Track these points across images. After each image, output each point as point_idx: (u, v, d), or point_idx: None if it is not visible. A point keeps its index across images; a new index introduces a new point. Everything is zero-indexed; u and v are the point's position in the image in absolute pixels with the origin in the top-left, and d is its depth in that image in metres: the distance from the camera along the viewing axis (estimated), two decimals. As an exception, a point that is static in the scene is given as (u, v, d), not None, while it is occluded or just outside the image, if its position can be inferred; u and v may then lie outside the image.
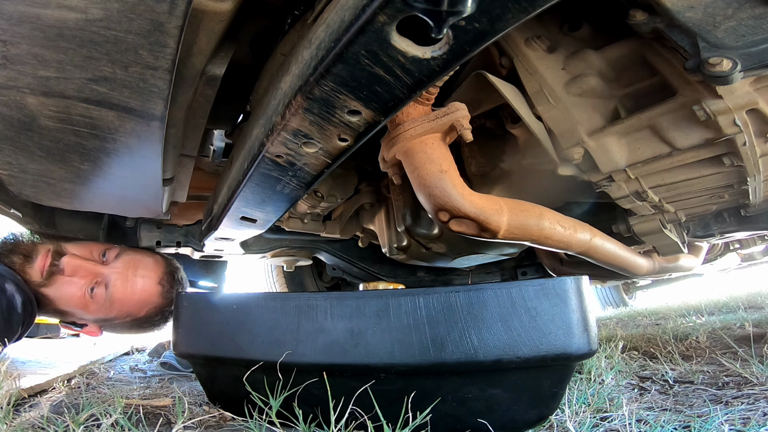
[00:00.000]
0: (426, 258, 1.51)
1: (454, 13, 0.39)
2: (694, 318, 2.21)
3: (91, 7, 0.47)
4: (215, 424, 0.73)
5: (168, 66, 0.55)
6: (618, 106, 0.84)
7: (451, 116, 0.70)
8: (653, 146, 0.85)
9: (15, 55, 0.53)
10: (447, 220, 0.75)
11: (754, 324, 1.71)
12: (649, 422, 0.65)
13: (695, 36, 0.63)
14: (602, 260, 1.03)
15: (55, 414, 0.65)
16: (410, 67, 0.48)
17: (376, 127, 0.59)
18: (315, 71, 0.50)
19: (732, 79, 0.62)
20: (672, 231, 1.16)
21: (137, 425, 0.65)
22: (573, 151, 0.88)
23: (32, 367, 1.26)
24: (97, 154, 0.75)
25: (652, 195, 0.98)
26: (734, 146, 0.80)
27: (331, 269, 1.88)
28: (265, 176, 0.75)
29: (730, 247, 2.14)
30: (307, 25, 0.63)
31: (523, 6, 0.41)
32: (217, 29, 0.60)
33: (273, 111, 0.62)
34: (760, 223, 1.24)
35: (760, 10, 0.58)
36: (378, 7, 0.41)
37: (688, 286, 4.33)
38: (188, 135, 0.88)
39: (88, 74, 0.56)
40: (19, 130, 0.68)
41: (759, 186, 0.96)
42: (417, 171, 0.73)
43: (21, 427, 0.62)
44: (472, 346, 0.58)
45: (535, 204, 0.81)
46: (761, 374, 0.86)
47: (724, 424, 0.60)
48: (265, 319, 0.67)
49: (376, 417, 0.58)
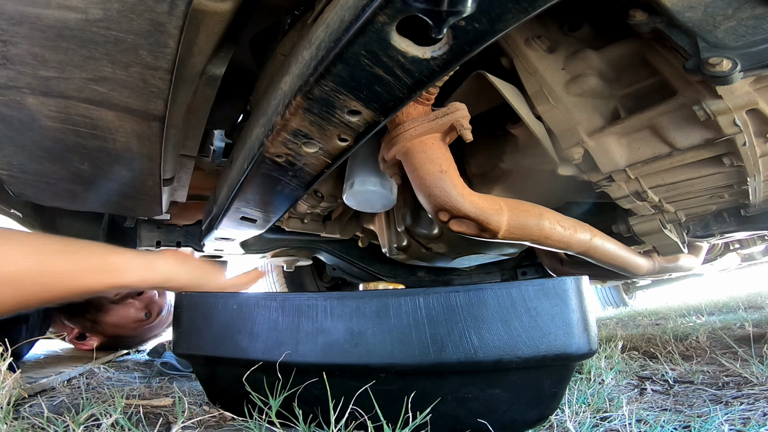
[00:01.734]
0: (426, 258, 1.51)
1: (454, 13, 0.39)
2: (694, 318, 2.21)
3: (91, 7, 0.47)
4: (215, 424, 0.73)
5: (168, 66, 0.55)
6: (618, 106, 0.84)
7: (451, 116, 0.70)
8: (653, 146, 0.85)
9: (15, 55, 0.53)
10: (447, 220, 0.75)
11: (754, 324, 1.71)
12: (649, 422, 0.65)
13: (695, 36, 0.63)
14: (602, 260, 1.03)
15: (55, 414, 0.65)
16: (410, 67, 0.48)
17: (376, 127, 0.59)
18: (315, 71, 0.50)
19: (732, 79, 0.62)
20: (672, 231, 1.16)
21: (137, 425, 0.65)
22: (573, 151, 0.88)
23: (32, 367, 1.26)
24: (97, 154, 0.75)
25: (652, 195, 0.98)
26: (734, 146, 0.80)
27: (331, 269, 1.88)
28: (265, 176, 0.75)
29: (730, 247, 2.14)
30: (307, 25, 0.63)
31: (523, 6, 0.41)
32: (217, 29, 0.60)
33: (273, 111, 0.62)
34: (760, 223, 1.24)
35: (760, 10, 0.58)
36: (378, 7, 0.41)
37: (688, 286, 4.33)
38: (188, 135, 0.88)
39: (88, 74, 0.56)
40: (19, 130, 0.68)
41: (759, 186, 0.96)
42: (417, 171, 0.73)
43: (21, 427, 0.62)
44: (473, 346, 0.58)
45: (535, 204, 0.81)
46: (761, 374, 0.86)
47: (724, 424, 0.60)
48: (264, 319, 0.67)
49: (377, 417, 0.58)
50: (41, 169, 0.80)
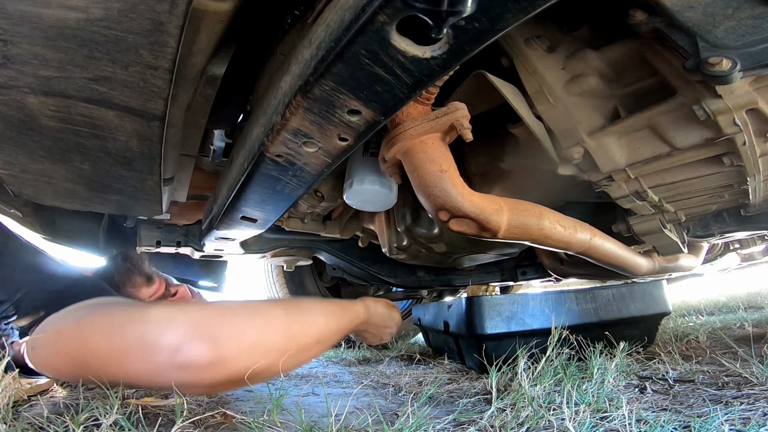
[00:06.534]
0: (426, 258, 1.51)
1: (454, 13, 0.39)
2: (694, 318, 2.21)
3: (91, 6, 0.47)
4: (215, 424, 0.73)
5: (168, 66, 0.55)
6: (618, 105, 0.84)
7: (450, 116, 0.70)
8: (653, 146, 0.85)
9: (16, 55, 0.53)
10: (447, 220, 0.75)
11: (754, 324, 1.71)
12: (649, 422, 0.65)
13: (695, 36, 0.63)
14: (602, 260, 1.03)
15: (55, 414, 0.65)
16: (410, 66, 0.48)
17: (376, 127, 0.59)
18: (315, 71, 0.51)
19: (731, 79, 0.62)
20: (672, 231, 1.16)
21: (137, 425, 0.65)
22: (573, 150, 0.88)
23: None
24: (98, 154, 0.75)
25: (652, 195, 0.98)
26: (734, 146, 0.80)
27: (331, 269, 1.88)
28: (265, 176, 0.75)
29: (730, 247, 2.14)
30: (308, 24, 0.63)
31: (523, 6, 0.41)
32: (217, 29, 0.60)
33: (273, 110, 0.62)
34: (760, 223, 1.24)
35: (759, 9, 0.58)
36: (378, 6, 0.41)
37: (688, 286, 4.32)
38: (188, 135, 0.88)
39: (88, 74, 0.56)
40: (19, 129, 0.68)
41: (759, 186, 0.96)
42: (417, 171, 0.73)
43: (21, 427, 0.62)
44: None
45: (535, 204, 0.81)
46: (761, 374, 0.86)
47: (724, 424, 0.60)
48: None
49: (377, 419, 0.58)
50: (41, 168, 0.80)
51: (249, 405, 0.88)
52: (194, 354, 0.64)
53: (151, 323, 0.66)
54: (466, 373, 1.20)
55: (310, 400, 0.98)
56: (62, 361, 0.71)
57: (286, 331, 0.76)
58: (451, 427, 0.69)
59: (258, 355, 0.69)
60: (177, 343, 0.64)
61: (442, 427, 0.68)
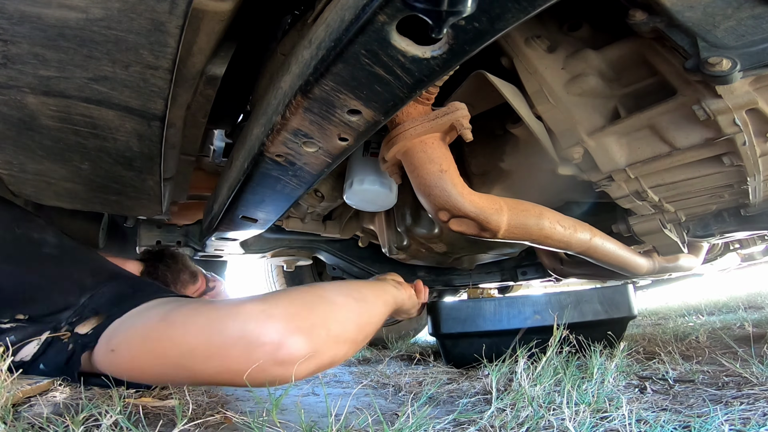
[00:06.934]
0: (426, 258, 1.51)
1: (454, 13, 0.39)
2: (694, 318, 2.21)
3: (91, 6, 0.47)
4: (215, 424, 0.73)
5: (168, 65, 0.55)
6: (618, 105, 0.84)
7: (450, 116, 0.70)
8: (653, 146, 0.85)
9: (16, 55, 0.53)
10: (447, 220, 0.75)
11: (754, 324, 1.71)
12: (649, 422, 0.65)
13: (695, 36, 0.63)
14: (602, 260, 1.03)
15: (55, 414, 0.65)
16: (410, 66, 0.48)
17: (376, 127, 0.59)
18: (315, 71, 0.51)
19: (731, 79, 0.62)
20: (672, 231, 1.16)
21: (137, 425, 0.65)
22: (573, 150, 0.88)
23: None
24: (98, 154, 0.75)
25: (651, 195, 0.98)
26: (734, 146, 0.80)
27: (331, 269, 1.88)
28: (266, 176, 0.75)
29: (730, 247, 2.14)
30: (307, 24, 0.63)
31: (523, 6, 0.41)
32: (217, 29, 0.60)
33: (273, 110, 0.62)
34: (760, 223, 1.24)
35: (759, 9, 0.58)
36: (378, 6, 0.41)
37: (688, 286, 4.32)
38: (188, 135, 0.88)
39: (88, 74, 0.56)
40: (19, 129, 0.68)
41: (759, 186, 0.96)
42: (417, 171, 0.73)
43: (21, 427, 0.62)
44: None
45: (535, 204, 0.81)
46: (761, 374, 0.86)
47: (724, 424, 0.60)
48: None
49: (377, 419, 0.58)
50: (41, 168, 0.80)
51: (249, 405, 0.88)
52: (295, 348, 0.63)
53: (251, 319, 0.64)
54: (465, 373, 1.20)
55: (309, 400, 0.98)
56: (153, 361, 0.68)
57: (358, 319, 0.76)
58: (451, 427, 0.69)
59: (342, 345, 0.70)
60: (279, 338, 0.63)
61: (442, 427, 0.68)
